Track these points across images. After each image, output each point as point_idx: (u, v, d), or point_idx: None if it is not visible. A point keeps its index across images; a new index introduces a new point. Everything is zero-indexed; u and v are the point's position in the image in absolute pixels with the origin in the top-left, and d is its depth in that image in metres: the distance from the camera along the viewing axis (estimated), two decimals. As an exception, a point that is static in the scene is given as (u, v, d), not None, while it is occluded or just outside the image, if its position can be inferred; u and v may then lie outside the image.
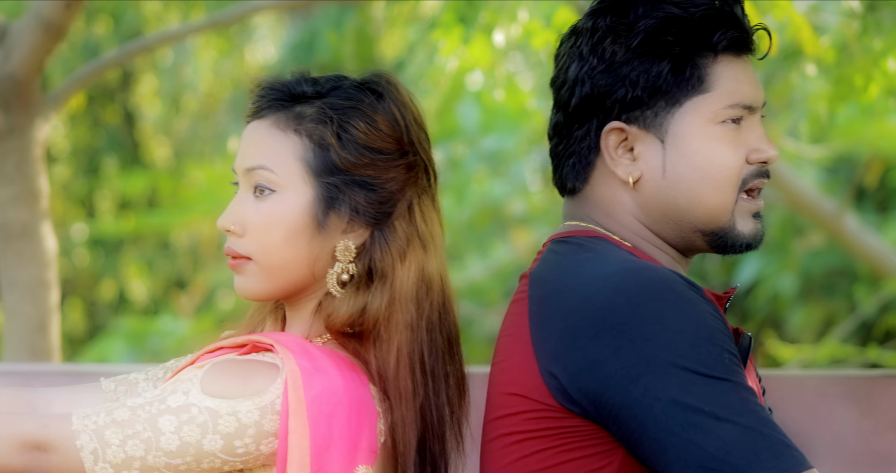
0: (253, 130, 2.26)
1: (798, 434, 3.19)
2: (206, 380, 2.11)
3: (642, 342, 2.05)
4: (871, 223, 7.58)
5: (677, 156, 2.25)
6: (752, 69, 2.29)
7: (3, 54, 3.92)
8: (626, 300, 2.08)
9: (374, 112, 2.24)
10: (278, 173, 2.21)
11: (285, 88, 2.27)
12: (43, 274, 3.96)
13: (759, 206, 2.29)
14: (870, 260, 6.44)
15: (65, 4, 3.90)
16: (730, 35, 2.25)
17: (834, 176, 7.88)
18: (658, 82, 2.24)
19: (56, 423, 2.09)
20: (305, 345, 2.18)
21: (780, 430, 2.05)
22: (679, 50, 2.23)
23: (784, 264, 7.71)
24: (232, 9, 4.75)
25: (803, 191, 6.30)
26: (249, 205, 2.23)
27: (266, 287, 2.23)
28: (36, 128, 3.97)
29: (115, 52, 5.15)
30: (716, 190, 2.24)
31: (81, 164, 9.81)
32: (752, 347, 2.29)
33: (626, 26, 2.25)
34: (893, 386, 3.24)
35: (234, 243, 2.23)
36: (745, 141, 2.26)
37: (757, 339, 8.21)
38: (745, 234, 2.27)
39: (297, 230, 2.20)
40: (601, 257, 2.18)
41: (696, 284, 2.16)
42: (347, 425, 2.13)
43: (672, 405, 2.02)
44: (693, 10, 2.24)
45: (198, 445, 2.08)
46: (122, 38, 8.56)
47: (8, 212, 3.95)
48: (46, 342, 3.94)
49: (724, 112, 2.24)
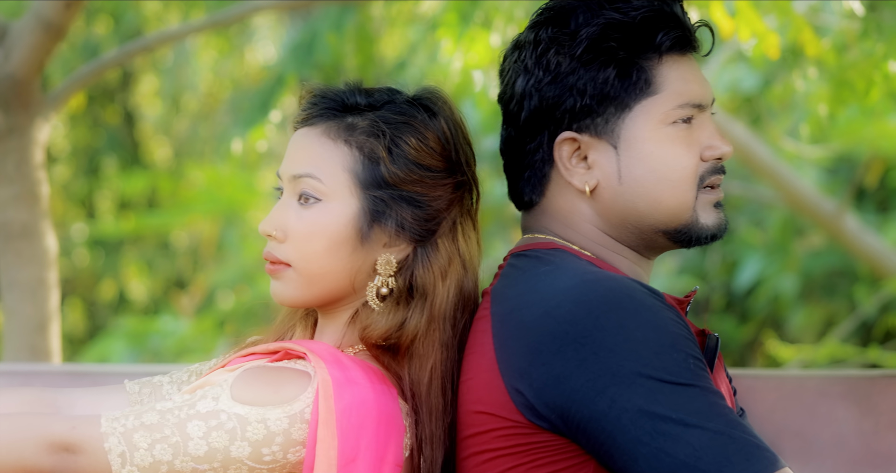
0: (302, 137, 2.26)
1: (798, 434, 3.19)
2: (237, 386, 2.11)
3: (606, 353, 2.06)
4: (871, 223, 7.58)
5: (632, 160, 2.25)
6: (697, 67, 2.30)
7: (3, 54, 3.92)
8: (587, 312, 2.09)
9: (426, 129, 2.25)
10: (325, 183, 2.22)
11: (338, 97, 2.27)
12: (43, 274, 3.95)
13: (719, 196, 2.29)
14: (870, 260, 6.44)
15: (65, 4, 3.90)
16: (673, 35, 2.25)
17: (834, 176, 7.88)
18: (606, 89, 2.24)
19: (85, 425, 2.09)
20: (338, 355, 2.18)
21: (751, 431, 2.05)
22: (623, 55, 2.24)
23: (784, 265, 7.71)
24: (232, 9, 4.74)
25: (803, 191, 6.30)
26: (293, 212, 2.23)
27: (303, 295, 2.23)
28: (36, 128, 3.97)
29: (115, 52, 5.15)
30: (674, 191, 2.25)
31: (81, 164, 9.81)
32: (718, 347, 2.29)
33: (568, 36, 2.25)
34: (893, 387, 3.24)
35: (275, 248, 2.23)
36: (697, 139, 2.26)
37: (757, 339, 8.21)
38: (710, 226, 2.28)
39: (340, 241, 2.21)
40: (560, 269, 2.19)
41: (657, 290, 2.16)
42: (375, 437, 2.13)
43: (639, 414, 2.02)
44: (634, 13, 2.24)
45: (225, 451, 2.08)
46: (122, 38, 8.56)
47: (8, 212, 3.94)
48: (46, 342, 3.94)
49: (674, 113, 2.25)
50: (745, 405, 3.19)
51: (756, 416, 3.20)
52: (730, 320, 8.31)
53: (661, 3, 2.26)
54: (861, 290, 7.63)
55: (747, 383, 3.24)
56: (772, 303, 8.05)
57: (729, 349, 8.23)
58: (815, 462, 3.21)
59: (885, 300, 7.47)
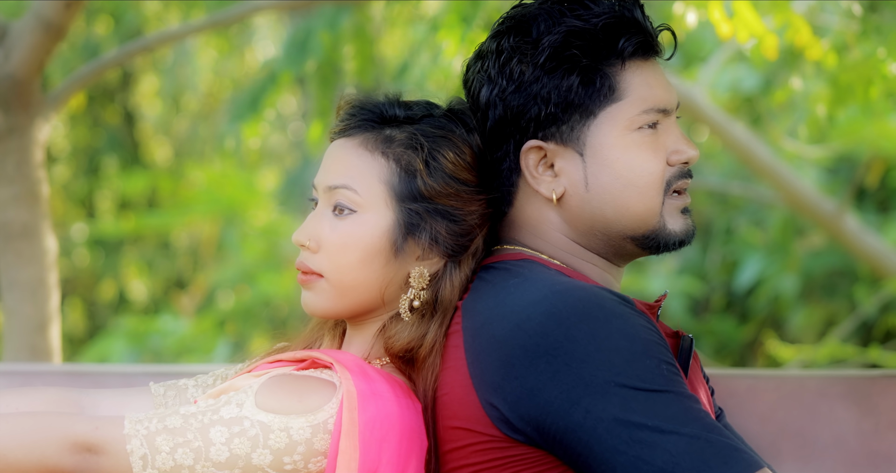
0: (339, 148, 2.26)
1: (798, 434, 3.19)
2: (261, 394, 2.10)
3: (578, 364, 2.05)
4: (871, 223, 7.58)
5: (598, 167, 2.25)
6: (661, 71, 2.29)
7: (3, 54, 3.92)
8: (558, 323, 2.08)
9: (464, 144, 2.25)
10: (361, 194, 2.21)
11: (377, 109, 2.27)
12: (43, 274, 3.95)
13: (686, 202, 2.29)
14: (870, 260, 6.44)
15: (65, 4, 3.90)
16: (635, 40, 2.25)
17: (835, 176, 7.88)
18: (570, 96, 2.23)
19: (108, 426, 2.09)
20: (364, 366, 2.17)
21: (727, 433, 2.05)
22: (586, 62, 2.23)
23: (785, 265, 7.71)
24: (232, 9, 4.74)
25: (803, 191, 6.30)
26: (327, 222, 2.22)
27: (334, 306, 2.23)
28: (36, 128, 3.96)
29: (115, 52, 5.15)
30: (641, 196, 2.24)
31: (81, 164, 9.81)
32: (692, 348, 2.29)
33: (530, 45, 2.24)
34: (893, 387, 3.24)
35: (308, 258, 2.23)
36: (663, 144, 2.26)
37: (757, 339, 8.21)
38: (677, 231, 2.27)
39: (374, 253, 2.21)
40: (529, 281, 2.18)
41: (627, 297, 2.16)
42: (397, 452, 2.13)
43: (615, 423, 2.02)
44: (595, 20, 2.24)
45: (247, 458, 2.08)
46: (122, 38, 8.56)
47: (8, 212, 3.94)
48: (46, 342, 3.94)
49: (639, 118, 2.24)
50: (745, 405, 3.19)
51: (756, 416, 3.20)
52: (730, 320, 8.31)
53: (622, 8, 2.25)
54: (861, 290, 7.63)
55: (747, 383, 3.24)
56: (772, 303, 8.05)
57: (729, 349, 8.23)
58: (815, 462, 3.21)
59: (885, 300, 7.47)
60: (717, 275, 8.28)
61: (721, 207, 8.34)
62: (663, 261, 8.02)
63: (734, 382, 3.23)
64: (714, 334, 8.17)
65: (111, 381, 3.31)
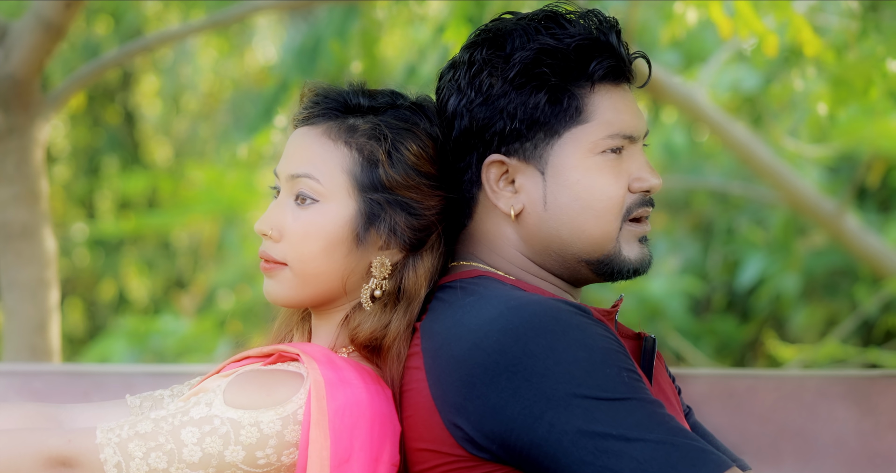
0: (302, 137, 2.25)
1: (798, 434, 3.19)
2: (230, 391, 2.11)
3: (538, 378, 2.05)
4: (872, 223, 7.58)
5: (558, 187, 2.24)
6: (631, 98, 2.28)
7: (3, 54, 3.92)
8: (515, 340, 2.08)
9: (428, 137, 2.25)
10: (323, 184, 2.21)
11: (341, 97, 2.26)
12: (43, 274, 3.95)
13: (644, 230, 2.27)
14: (870, 260, 6.44)
15: (65, 4, 3.90)
16: (606, 64, 2.23)
17: (836, 175, 7.87)
18: (536, 114, 2.22)
19: (81, 437, 2.09)
20: (331, 356, 2.18)
21: (694, 436, 2.05)
22: (555, 81, 2.22)
23: (787, 264, 7.71)
24: (232, 9, 4.74)
25: (803, 191, 6.30)
26: (290, 211, 2.22)
27: (296, 294, 2.23)
28: (36, 128, 3.96)
29: (115, 52, 5.15)
30: (598, 220, 2.23)
31: (81, 164, 9.80)
32: (655, 349, 2.29)
33: (502, 59, 2.24)
34: (893, 387, 3.24)
35: (270, 247, 2.23)
36: (626, 170, 2.24)
37: (758, 339, 8.21)
38: (632, 259, 2.25)
39: (336, 242, 2.21)
40: (484, 299, 2.17)
41: (583, 306, 2.15)
42: (370, 438, 2.13)
43: (580, 435, 2.02)
44: (568, 40, 2.23)
45: (220, 456, 2.08)
46: (123, 38, 8.56)
47: (8, 212, 3.94)
48: (46, 342, 3.94)
49: (603, 142, 2.23)
50: (745, 405, 3.19)
51: (756, 416, 3.20)
52: (731, 319, 8.30)
53: (598, 32, 2.24)
54: (862, 290, 7.63)
55: (747, 383, 3.24)
56: (773, 302, 8.05)
57: (729, 349, 8.23)
58: (815, 462, 3.21)
59: (885, 300, 7.47)
60: (718, 275, 8.28)
61: (722, 206, 8.34)
62: (663, 260, 8.02)
63: (734, 382, 3.23)
64: (715, 333, 8.17)
65: (111, 381, 3.31)
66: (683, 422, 2.29)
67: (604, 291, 6.42)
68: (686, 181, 7.98)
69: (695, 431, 2.40)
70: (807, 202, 6.29)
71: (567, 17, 2.25)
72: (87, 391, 3.30)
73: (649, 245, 2.28)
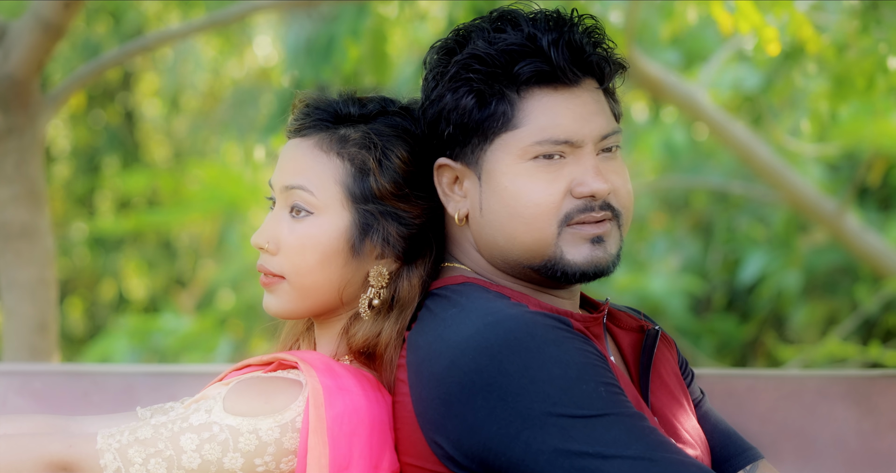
0: (295, 148, 2.26)
1: (798, 433, 3.18)
2: (229, 398, 2.12)
3: (513, 398, 2.04)
4: (873, 222, 7.58)
5: (490, 193, 2.22)
6: (579, 102, 2.21)
7: (3, 54, 3.91)
8: (490, 358, 2.07)
9: (416, 141, 2.26)
10: (317, 196, 2.21)
11: (331, 108, 2.27)
12: (43, 274, 3.95)
13: (594, 232, 2.20)
14: (871, 260, 6.44)
15: (64, 4, 3.89)
16: (530, 68, 2.19)
17: (837, 174, 7.87)
18: (465, 119, 2.21)
19: (81, 443, 2.11)
20: (331, 364, 2.18)
21: (675, 449, 2.04)
22: (481, 86, 2.20)
23: (788, 261, 7.71)
24: (232, 9, 4.74)
25: (804, 191, 6.30)
26: (285, 224, 2.23)
27: (295, 307, 2.24)
28: (36, 128, 3.96)
29: (115, 52, 5.14)
30: (528, 227, 2.19)
31: (81, 164, 9.80)
32: (656, 342, 2.28)
33: (445, 63, 2.24)
34: (893, 387, 3.23)
35: (267, 261, 2.24)
36: (567, 175, 2.19)
37: (758, 339, 8.20)
38: (578, 262, 2.20)
39: (332, 254, 2.21)
40: (465, 312, 2.16)
41: (563, 318, 2.13)
42: (369, 445, 2.14)
43: (556, 454, 2.02)
44: (499, 44, 2.20)
45: (218, 463, 2.09)
46: (123, 37, 8.56)
47: (8, 212, 3.94)
48: (46, 342, 3.94)
49: (532, 148, 2.19)
50: (745, 405, 3.19)
51: (756, 416, 3.19)
52: (731, 319, 8.30)
53: (543, 34, 2.20)
54: (862, 289, 7.62)
55: (747, 383, 3.24)
56: (774, 301, 8.04)
57: (730, 349, 8.23)
58: (815, 462, 3.21)
59: (886, 299, 7.47)
60: (719, 274, 8.27)
61: (722, 206, 8.34)
62: (663, 260, 8.02)
63: (734, 382, 3.23)
64: (715, 333, 8.17)
65: (111, 381, 3.31)
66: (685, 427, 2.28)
67: (604, 290, 6.42)
68: (686, 181, 7.98)
69: (707, 418, 2.40)
70: (807, 201, 6.29)
71: (526, 18, 2.22)
72: (87, 391, 3.30)
73: (608, 245, 2.22)
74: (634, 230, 8.12)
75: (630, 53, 5.42)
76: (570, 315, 2.20)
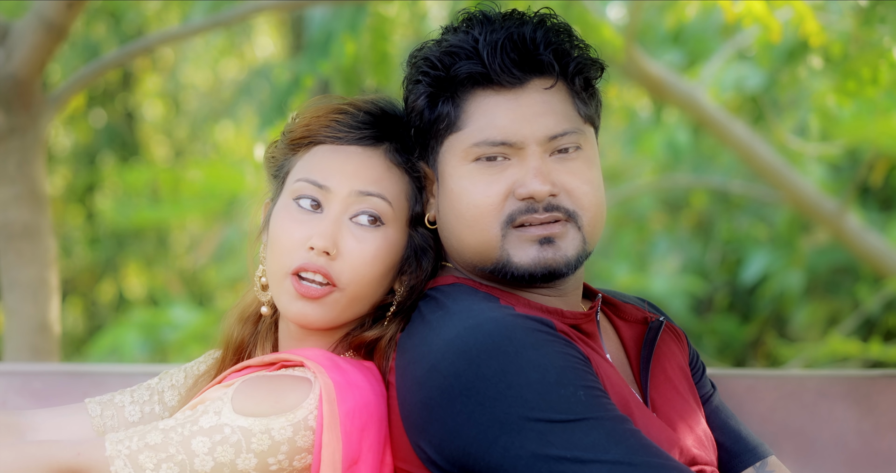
0: (366, 157, 2.23)
1: (798, 433, 3.18)
2: (238, 399, 2.11)
3: (491, 403, 2.04)
4: (875, 221, 7.58)
5: (442, 196, 2.22)
6: (521, 103, 2.19)
7: (5, 54, 3.91)
8: (468, 363, 2.07)
9: None
10: (395, 208, 2.21)
11: (396, 117, 2.26)
12: (43, 274, 3.95)
13: (539, 233, 2.19)
14: (871, 259, 6.44)
15: (66, 5, 3.89)
16: (465, 70, 2.18)
17: (839, 173, 7.87)
18: (419, 121, 2.22)
19: (90, 450, 2.09)
20: (335, 359, 2.18)
21: (657, 452, 2.03)
22: (430, 88, 2.20)
23: (791, 261, 7.71)
24: (232, 9, 4.74)
25: (805, 190, 6.30)
26: (349, 230, 2.20)
27: (339, 317, 2.22)
28: (37, 128, 3.96)
29: (115, 53, 5.14)
30: (471, 229, 2.18)
31: (82, 164, 9.81)
32: (658, 333, 2.28)
33: (411, 64, 2.25)
34: (893, 386, 3.23)
35: (328, 264, 2.19)
36: (509, 177, 2.18)
37: (760, 339, 8.20)
38: (524, 264, 2.19)
39: (390, 268, 2.22)
40: (449, 314, 2.16)
41: (545, 319, 2.12)
42: (377, 439, 2.14)
43: (534, 459, 2.02)
44: (444, 45, 2.20)
45: (232, 465, 2.08)
46: (123, 38, 8.56)
47: (9, 212, 3.94)
48: (47, 341, 3.94)
49: (472, 150, 2.18)
50: (745, 405, 3.19)
51: (756, 416, 3.19)
52: (732, 319, 8.30)
53: (474, 37, 2.18)
54: (863, 288, 7.63)
55: (747, 383, 3.24)
56: (776, 300, 8.04)
57: (731, 348, 8.23)
58: (815, 461, 3.21)
59: (887, 299, 7.47)
60: (720, 274, 8.27)
61: (723, 205, 8.34)
62: (663, 259, 8.01)
63: (734, 382, 3.22)
64: (716, 333, 8.17)
65: (111, 381, 3.30)
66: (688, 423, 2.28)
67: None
68: (687, 180, 7.98)
69: (717, 414, 2.39)
70: (808, 201, 6.29)
71: (486, 19, 2.21)
72: (87, 391, 3.30)
73: (561, 246, 2.20)
74: (635, 230, 8.12)
75: (631, 53, 5.42)
76: (560, 314, 2.19)
